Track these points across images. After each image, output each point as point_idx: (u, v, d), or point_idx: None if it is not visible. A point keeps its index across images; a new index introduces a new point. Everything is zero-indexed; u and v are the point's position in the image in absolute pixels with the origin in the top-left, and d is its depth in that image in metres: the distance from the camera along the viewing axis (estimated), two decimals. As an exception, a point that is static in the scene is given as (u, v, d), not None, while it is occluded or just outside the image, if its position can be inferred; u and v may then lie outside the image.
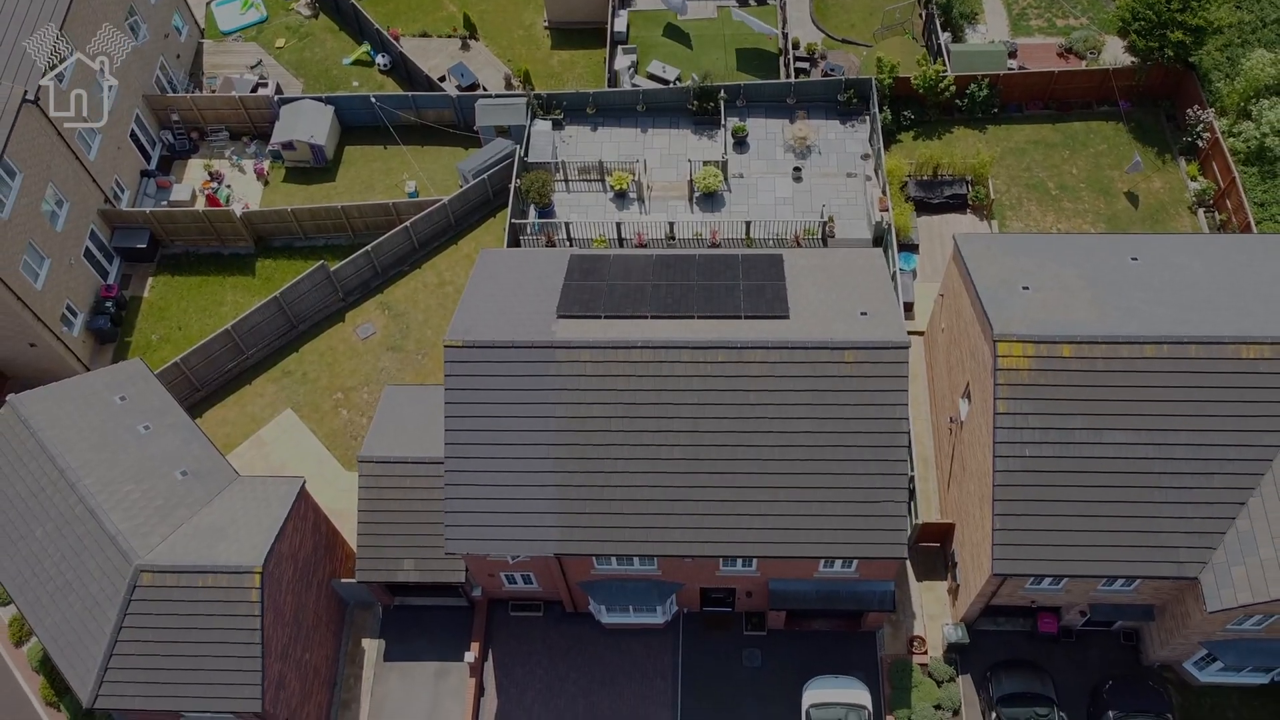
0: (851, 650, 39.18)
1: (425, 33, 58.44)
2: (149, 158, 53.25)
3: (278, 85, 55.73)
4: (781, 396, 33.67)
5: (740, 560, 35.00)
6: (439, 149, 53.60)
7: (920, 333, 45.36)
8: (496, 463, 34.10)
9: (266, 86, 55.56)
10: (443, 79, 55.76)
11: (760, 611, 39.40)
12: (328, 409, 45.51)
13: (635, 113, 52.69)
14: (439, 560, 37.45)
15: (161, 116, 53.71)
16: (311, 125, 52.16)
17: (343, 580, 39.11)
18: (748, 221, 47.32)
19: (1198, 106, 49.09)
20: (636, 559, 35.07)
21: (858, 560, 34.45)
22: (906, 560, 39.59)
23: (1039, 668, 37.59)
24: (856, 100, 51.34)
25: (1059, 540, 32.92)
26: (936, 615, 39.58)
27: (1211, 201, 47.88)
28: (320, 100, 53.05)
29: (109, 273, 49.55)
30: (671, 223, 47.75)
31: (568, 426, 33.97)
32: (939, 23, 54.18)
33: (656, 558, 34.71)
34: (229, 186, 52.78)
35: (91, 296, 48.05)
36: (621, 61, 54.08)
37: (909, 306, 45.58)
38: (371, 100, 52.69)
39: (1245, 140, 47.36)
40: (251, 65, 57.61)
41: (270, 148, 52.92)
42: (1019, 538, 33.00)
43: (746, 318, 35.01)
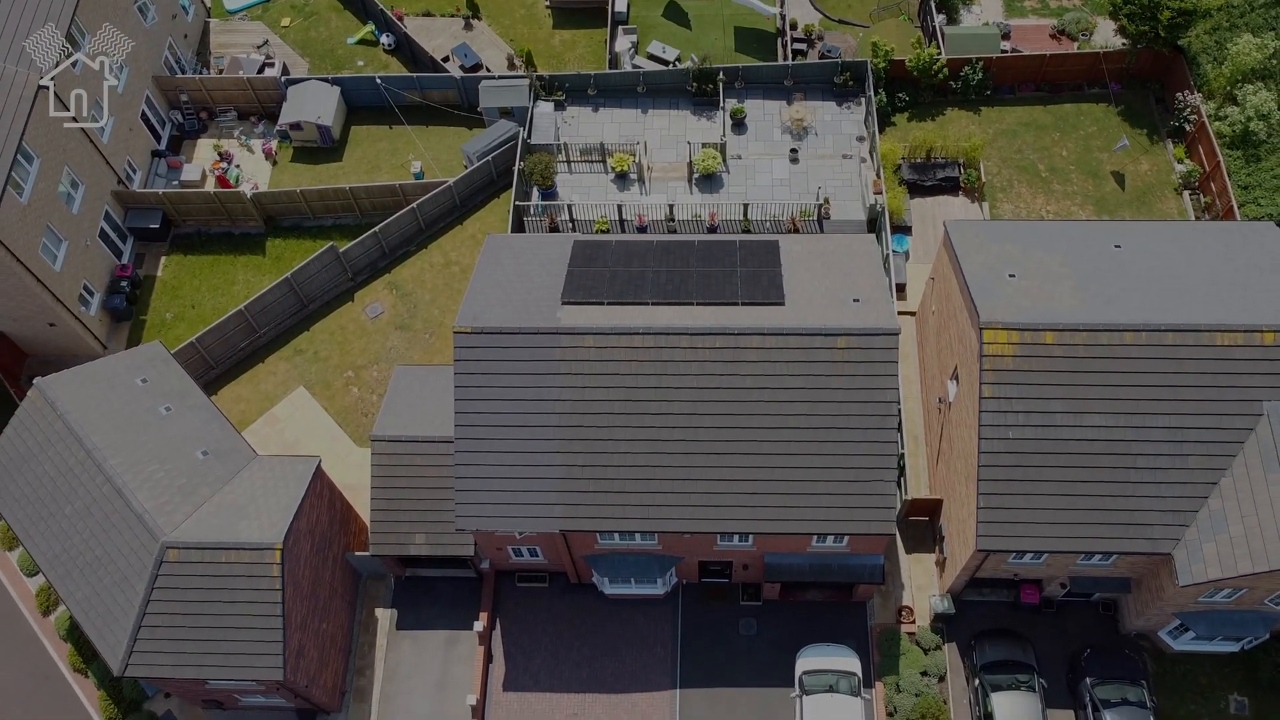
0: (842, 620, 40.97)
1: (428, 12, 59.24)
2: (159, 138, 54.33)
3: (284, 66, 56.68)
4: (777, 381, 35.16)
5: (737, 536, 36.65)
6: (443, 129, 54.68)
7: (912, 313, 46.77)
8: (504, 443, 35.64)
9: (273, 66, 56.49)
10: (446, 59, 56.68)
11: (756, 583, 41.16)
12: (339, 387, 47.02)
13: (636, 94, 53.73)
14: (449, 535, 39.11)
15: (171, 97, 54.70)
16: (318, 106, 53.20)
17: (357, 554, 40.82)
18: (745, 204, 48.57)
19: (1185, 90, 50.21)
20: (638, 535, 36.72)
21: (848, 536, 36.14)
22: (896, 534, 41.33)
23: (1021, 636, 39.42)
24: (852, 82, 52.41)
25: (1040, 518, 34.55)
26: (924, 586, 41.38)
27: (1197, 184, 49.15)
28: (326, 81, 54.04)
29: (123, 252, 50.84)
30: (671, 205, 48.99)
31: (572, 409, 35.48)
32: (934, 4, 55.09)
33: (657, 533, 36.37)
34: (238, 167, 53.92)
35: (107, 276, 49.39)
36: (622, 43, 55.01)
37: (901, 288, 46.97)
38: (377, 81, 53.70)
39: (1231, 124, 48.46)
40: (258, 45, 58.50)
41: (278, 128, 54.03)
42: (1002, 515, 34.65)
43: (743, 304, 36.39)
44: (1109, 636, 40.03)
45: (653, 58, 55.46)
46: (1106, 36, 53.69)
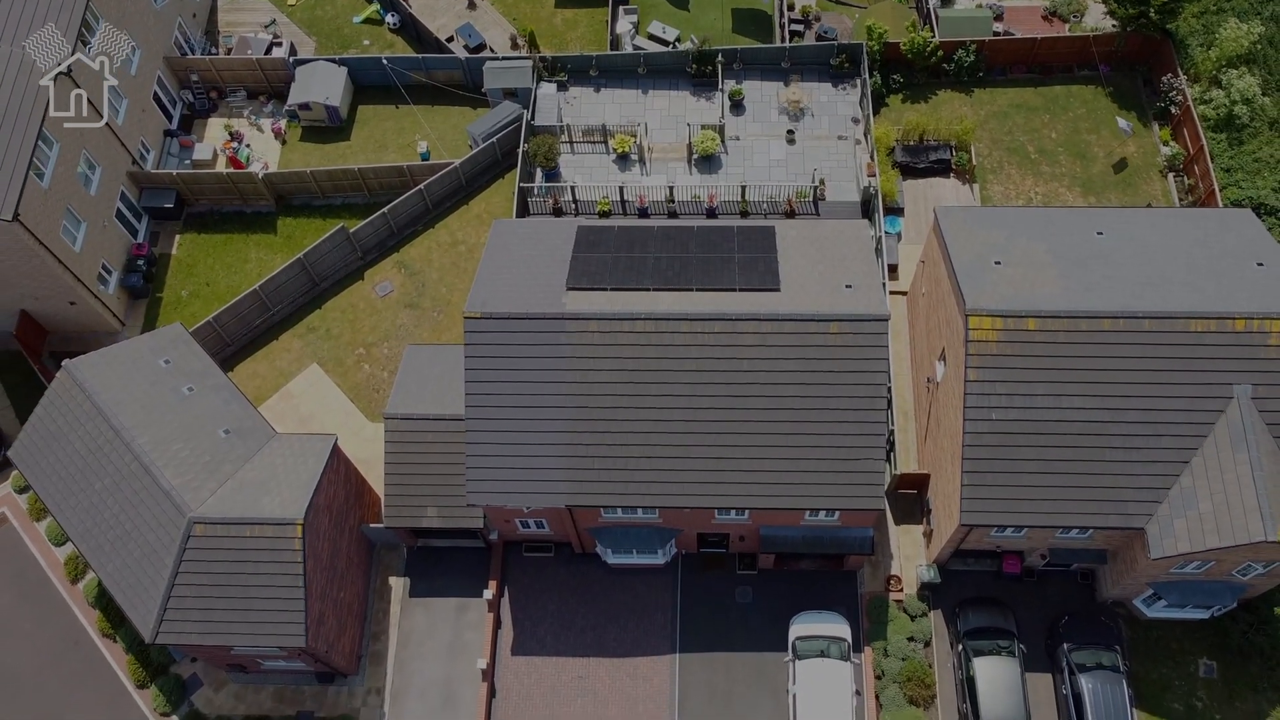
0: (834, 588, 43.01)
1: (433, -9, 60.31)
2: (171, 117, 55.61)
3: (292, 45, 57.80)
4: (772, 364, 36.94)
5: (734, 510, 38.60)
6: (448, 109, 55.95)
7: (904, 293, 48.42)
8: (513, 423, 37.45)
9: (280, 46, 57.63)
10: (450, 39, 57.78)
11: (752, 553, 43.19)
12: (350, 363, 48.75)
13: (636, 75, 55.00)
14: (459, 507, 41.00)
15: (181, 77, 55.89)
16: (326, 86, 54.45)
17: (372, 525, 42.78)
18: (743, 185, 50.03)
19: (1172, 73, 51.51)
20: (640, 509, 38.64)
21: (839, 511, 38.09)
22: (885, 506, 43.29)
23: (1002, 604, 41.48)
24: (848, 64, 53.66)
25: (1021, 495, 36.47)
26: (912, 556, 43.42)
27: (1181, 167, 50.61)
28: (334, 62, 55.24)
29: (139, 231, 52.30)
30: (671, 186, 50.43)
31: (578, 390, 37.27)
32: (929, -15, 56.25)
33: (658, 508, 38.31)
34: (248, 146, 55.24)
35: (124, 255, 50.89)
36: (623, 25, 56.16)
37: (893, 268, 48.57)
38: (383, 61, 54.90)
39: (1215, 108, 49.86)
40: (265, 24, 59.56)
41: (287, 108, 55.31)
42: (985, 492, 36.57)
43: (741, 290, 38.05)
44: (1086, 604, 42.10)
45: (653, 38, 56.63)
46: (1096, 18, 54.85)
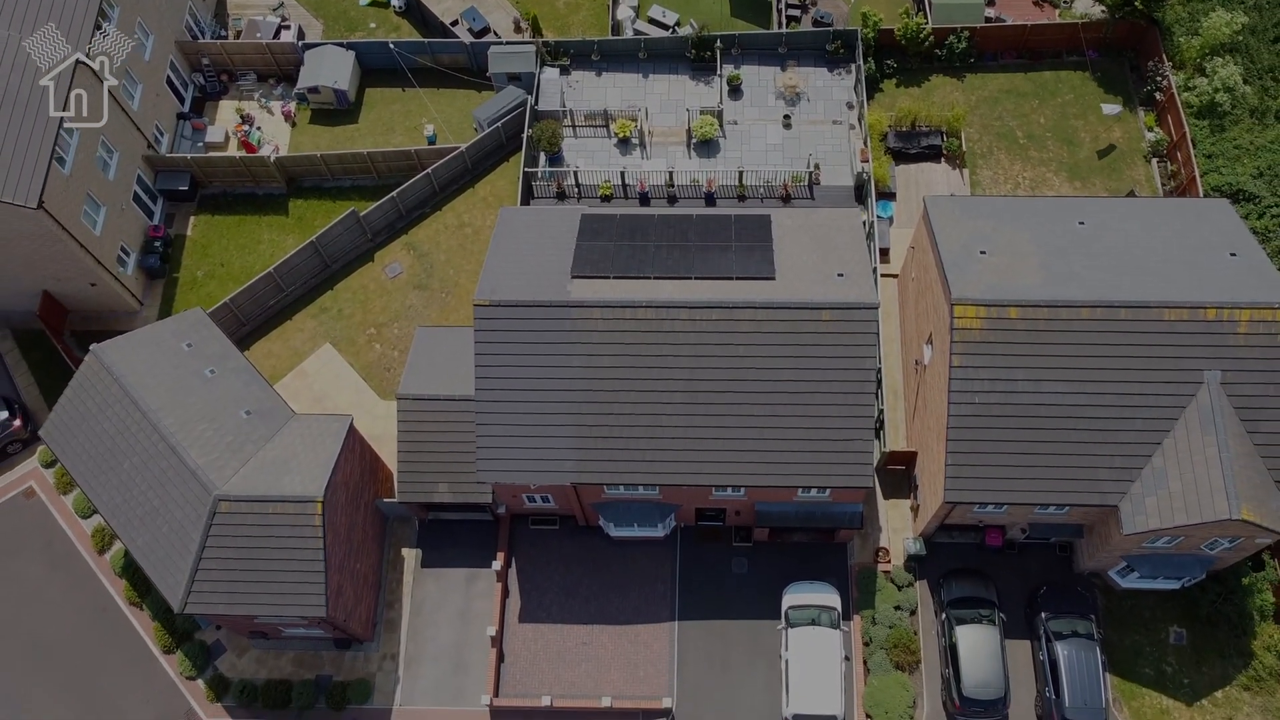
0: (825, 560, 45.19)
1: (437, -26, 61.42)
2: (183, 100, 57.04)
3: (300, 29, 59.09)
4: (767, 349, 38.83)
5: (730, 488, 40.69)
6: (454, 92, 57.40)
7: (895, 275, 50.22)
8: (521, 405, 39.41)
9: (289, 29, 58.93)
10: (455, 23, 59.05)
11: (747, 526, 45.37)
12: (362, 343, 50.63)
13: (637, 59, 56.42)
14: (469, 483, 43.10)
15: (192, 60, 57.26)
16: (334, 70, 55.85)
17: (385, 500, 44.87)
18: (741, 170, 51.68)
19: (1158, 60, 53.00)
20: (641, 486, 40.70)
21: (830, 488, 40.17)
22: (875, 483, 45.47)
23: (984, 575, 43.67)
24: (844, 50, 55.13)
25: (1002, 473, 38.51)
26: (899, 529, 45.59)
27: (1165, 152, 52.24)
28: (342, 46, 56.62)
29: (154, 213, 53.92)
30: (671, 171, 52.07)
31: (582, 374, 39.19)
32: (923, -30, 57.53)
33: (658, 485, 40.38)
34: (259, 129, 56.74)
35: (141, 237, 52.56)
36: (624, 11, 57.49)
37: (885, 252, 50.35)
38: (390, 46, 56.30)
39: (1199, 95, 51.43)
40: (274, 7, 60.79)
41: (296, 91, 56.73)
42: (968, 471, 38.63)
43: (738, 279, 39.85)
44: (1064, 575, 44.33)
45: (653, 21, 57.96)
46: (1086, 4, 56.19)
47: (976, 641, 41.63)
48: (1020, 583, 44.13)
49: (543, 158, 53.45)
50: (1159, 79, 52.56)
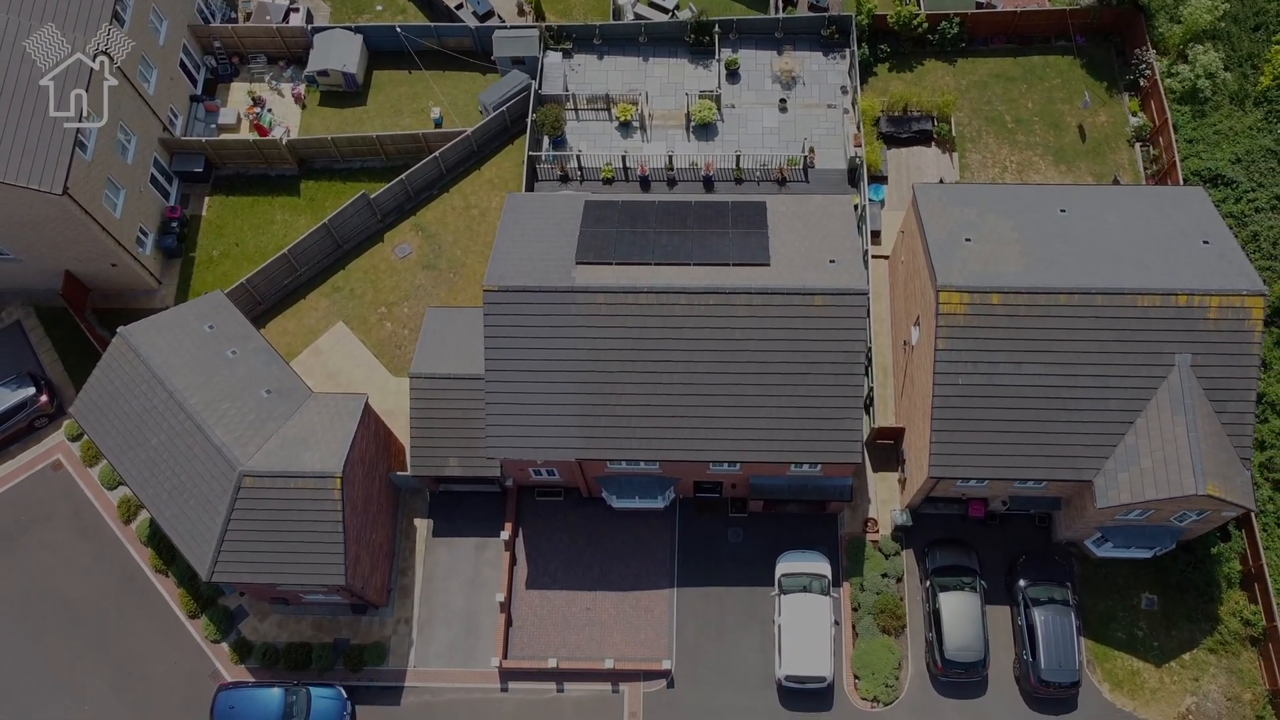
0: (816, 530, 47.49)
1: (442, -44, 62.75)
2: (195, 82, 58.59)
3: (309, 12, 60.56)
4: (761, 333, 40.90)
5: (726, 463, 42.92)
6: (459, 75, 58.98)
7: (886, 256, 52.16)
8: (528, 385, 41.52)
9: (298, 12, 60.37)
10: (460, 6, 60.45)
11: (743, 499, 47.63)
12: (374, 321, 52.64)
13: (637, 43, 57.98)
14: (478, 457, 45.32)
15: (204, 43, 58.75)
16: (343, 54, 57.40)
17: (399, 473, 47.10)
18: (738, 154, 53.45)
19: (1142, 46, 54.59)
20: (642, 461, 42.89)
21: (821, 463, 42.40)
22: (864, 456, 47.71)
23: (967, 545, 45.99)
24: (838, 35, 56.70)
25: (984, 450, 40.71)
26: (887, 501, 47.88)
27: (1148, 137, 53.98)
28: (350, 29, 58.13)
29: (170, 195, 55.67)
30: (670, 154, 53.84)
31: (587, 356, 41.25)
32: (917, -44, 58.88)
33: (659, 460, 42.58)
34: (270, 111, 58.37)
35: (158, 218, 54.36)
36: (625, -4, 59.13)
37: (876, 234, 52.25)
38: (397, 30, 57.80)
39: (1181, 81, 53.09)
40: (283, -11, 62.24)
41: (306, 74, 58.31)
42: (952, 448, 40.83)
43: (734, 265, 41.84)
44: (1043, 545, 46.66)
45: (654, 5, 59.43)
46: (1075, -10, 57.76)
47: (958, 607, 44.03)
48: (1001, 552, 46.46)
49: (546, 141, 55.20)
50: (1143, 65, 54.16)
